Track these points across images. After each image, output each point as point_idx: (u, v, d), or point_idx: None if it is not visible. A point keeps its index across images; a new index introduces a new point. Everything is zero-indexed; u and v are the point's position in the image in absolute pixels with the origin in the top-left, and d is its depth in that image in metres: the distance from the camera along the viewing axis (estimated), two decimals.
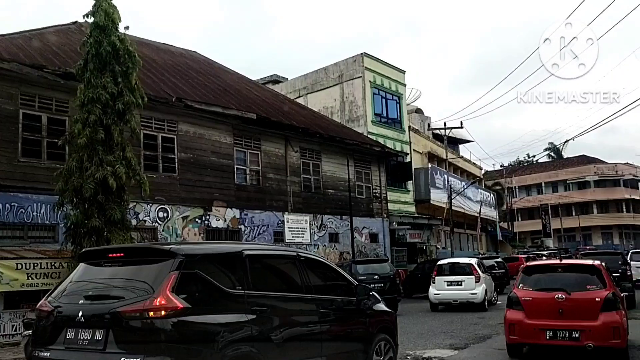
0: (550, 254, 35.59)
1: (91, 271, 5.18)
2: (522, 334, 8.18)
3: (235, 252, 5.44)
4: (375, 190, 25.34)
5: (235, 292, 5.01)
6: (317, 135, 21.82)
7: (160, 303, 4.35)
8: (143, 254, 5.12)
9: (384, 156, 25.98)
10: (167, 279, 4.49)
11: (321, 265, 6.67)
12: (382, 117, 28.51)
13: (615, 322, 7.70)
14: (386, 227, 25.48)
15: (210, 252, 5.44)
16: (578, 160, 69.97)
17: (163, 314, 4.34)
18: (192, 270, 4.69)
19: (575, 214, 65.33)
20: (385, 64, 29.25)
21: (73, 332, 4.59)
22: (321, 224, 22.03)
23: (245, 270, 5.21)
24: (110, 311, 4.45)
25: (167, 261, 4.66)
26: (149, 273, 4.68)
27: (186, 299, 4.48)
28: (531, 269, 9.06)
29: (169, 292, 4.42)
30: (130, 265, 4.95)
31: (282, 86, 31.58)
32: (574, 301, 7.88)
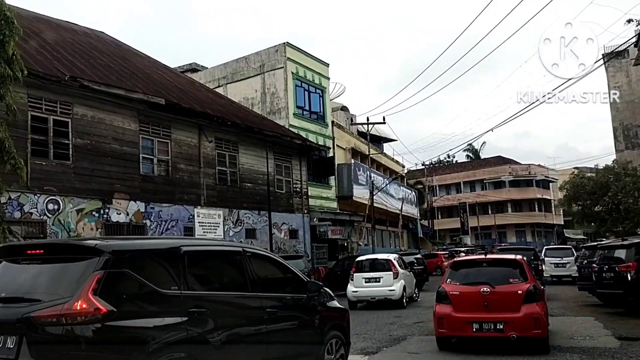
0: (468, 251, 36.36)
1: (9, 269, 4.59)
2: (451, 327, 8.43)
3: (171, 248, 4.99)
4: (296, 184, 24.45)
5: (170, 292, 4.59)
6: (234, 125, 20.62)
7: (81, 307, 3.92)
8: (65, 251, 4.62)
9: (306, 150, 25.15)
10: (89, 280, 4.04)
11: (269, 261, 6.27)
12: (304, 110, 27.67)
13: (536, 313, 8.01)
14: (307, 223, 24.67)
15: (142, 248, 4.95)
16: (494, 161, 72.63)
17: (83, 319, 3.91)
18: (120, 269, 4.26)
19: (491, 213, 67.66)
20: (308, 55, 28.43)
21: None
22: (237, 219, 20.85)
23: (182, 268, 4.79)
24: (23, 316, 3.93)
25: (92, 259, 4.19)
26: (70, 273, 4.23)
27: (112, 302, 4.06)
28: (458, 264, 9.36)
29: (91, 294, 3.99)
30: (50, 263, 4.44)
31: (201, 75, 30.01)
32: (498, 294, 8.15)
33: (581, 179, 28.02)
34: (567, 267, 22.14)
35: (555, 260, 22.42)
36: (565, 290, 19.00)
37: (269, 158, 22.44)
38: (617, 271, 11.56)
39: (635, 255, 11.32)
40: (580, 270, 15.03)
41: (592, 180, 27.24)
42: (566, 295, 17.32)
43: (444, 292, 8.61)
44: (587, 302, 14.93)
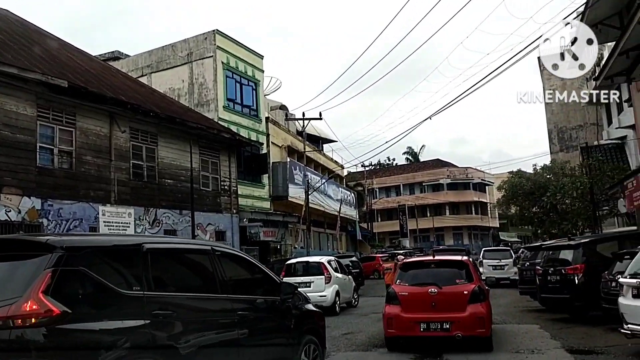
0: (406, 253, 35.61)
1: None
2: (399, 328, 8.50)
3: (132, 245, 4.77)
4: (224, 182, 22.59)
5: (131, 293, 4.28)
6: (152, 114, 18.56)
7: (31, 308, 3.54)
8: (14, 248, 4.23)
9: (236, 145, 23.33)
10: (40, 278, 3.67)
11: (241, 260, 5.95)
12: (235, 102, 25.86)
13: (480, 313, 8.20)
14: (236, 223, 22.85)
15: (100, 245, 4.63)
16: (433, 164, 73.18)
17: (34, 321, 3.52)
18: (74, 267, 3.93)
19: (430, 215, 67.95)
20: (241, 45, 26.66)
21: None
22: (155, 219, 18.78)
23: (145, 267, 4.49)
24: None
25: (43, 256, 3.83)
26: (17, 271, 3.89)
27: (66, 303, 3.70)
28: (408, 265, 9.49)
29: (42, 294, 3.61)
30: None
31: (123, 63, 27.61)
32: (445, 294, 8.29)
33: (519, 178, 27.70)
34: (505, 269, 21.46)
35: (494, 263, 21.71)
36: (505, 293, 18.16)
37: (193, 152, 20.47)
38: (563, 274, 10.55)
39: (582, 257, 10.34)
40: (522, 272, 14.10)
41: (530, 181, 26.95)
42: (506, 299, 16.43)
43: (394, 292, 8.71)
44: (528, 307, 14.00)
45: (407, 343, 8.66)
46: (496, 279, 21.48)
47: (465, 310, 8.14)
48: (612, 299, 8.88)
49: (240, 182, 24.93)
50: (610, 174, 19.70)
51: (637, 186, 14.49)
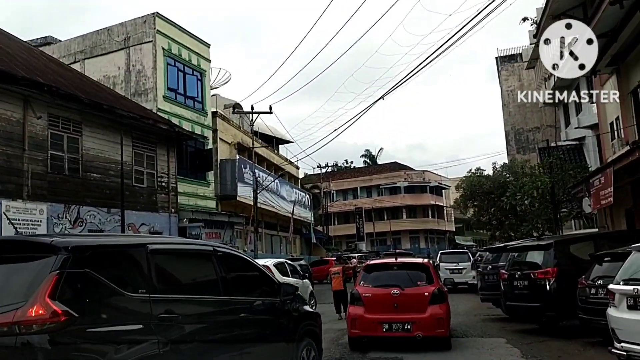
0: (361, 257, 34.27)
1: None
2: (362, 328, 8.65)
3: (136, 245, 4.53)
4: (161, 178, 20.54)
5: (137, 296, 4.05)
6: (75, 99, 16.41)
7: (37, 312, 3.38)
8: (15, 249, 3.97)
9: (175, 138, 21.30)
10: (46, 282, 3.48)
11: (241, 261, 5.77)
12: (178, 93, 23.83)
13: (440, 314, 8.46)
14: (174, 224, 20.83)
15: (104, 245, 4.28)
16: (391, 167, 72.33)
17: (40, 327, 3.36)
18: (80, 269, 3.69)
19: (387, 219, 66.99)
20: (185, 31, 24.64)
21: None
22: (77, 218, 16.62)
23: (149, 269, 4.27)
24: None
25: (48, 258, 3.62)
26: (22, 274, 3.70)
27: (72, 307, 3.52)
28: (371, 267, 9.67)
29: (48, 298, 3.43)
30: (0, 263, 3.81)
31: (54, 48, 25.16)
32: (407, 296, 8.50)
33: (478, 177, 26.68)
34: (463, 273, 20.21)
35: (451, 266, 20.44)
36: (463, 299, 16.83)
37: (125, 144, 18.33)
38: (532, 279, 9.13)
39: (554, 259, 8.93)
40: (484, 277, 12.70)
41: (489, 180, 25.96)
42: (465, 306, 15.06)
43: (357, 294, 8.85)
44: (490, 316, 12.64)
45: (370, 343, 8.82)
46: (454, 283, 20.22)
47: (425, 312, 8.38)
48: (591, 309, 7.53)
49: (182, 179, 22.94)
50: (572, 172, 18.72)
51: (604, 183, 13.35)
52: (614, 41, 14.95)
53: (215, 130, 28.80)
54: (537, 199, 19.45)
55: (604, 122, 19.13)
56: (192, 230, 21.69)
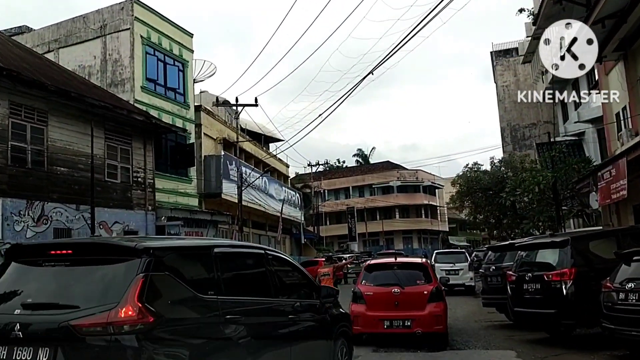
0: (353, 257, 33.03)
1: (27, 272, 4.06)
2: (364, 325, 8.88)
3: (205, 248, 4.62)
4: (137, 174, 19.18)
5: (208, 297, 4.16)
6: (39, 85, 15.04)
7: (128, 314, 3.47)
8: (98, 252, 4.06)
9: (153, 131, 19.94)
10: (134, 284, 3.59)
11: (286, 263, 5.88)
12: (157, 84, 22.45)
13: (438, 311, 8.87)
14: (151, 222, 19.47)
15: (179, 248, 4.42)
16: (383, 166, 71.12)
17: (130, 328, 3.47)
18: (161, 272, 3.82)
19: (379, 219, 65.82)
20: (165, 19, 23.27)
21: (5, 350, 3.57)
22: (41, 215, 15.26)
23: (216, 271, 4.41)
24: (60, 324, 3.45)
25: (132, 261, 3.75)
26: (109, 276, 3.76)
27: (157, 308, 3.63)
28: (372, 267, 9.87)
29: (137, 300, 3.52)
30: (82, 265, 3.92)
31: (27, 37, 23.71)
32: (407, 294, 8.87)
33: (476, 172, 25.45)
34: (460, 274, 18.99)
35: (447, 266, 19.20)
36: (461, 303, 15.59)
37: (97, 136, 16.95)
38: (545, 281, 7.87)
39: (571, 258, 7.67)
40: (486, 279, 11.40)
41: (487, 175, 24.72)
42: (463, 310, 13.82)
43: (359, 292, 9.10)
44: (492, 322, 11.40)
45: (371, 338, 9.01)
46: (449, 285, 18.99)
47: (424, 309, 8.72)
48: (619, 317, 6.32)
49: (161, 175, 21.60)
50: (576, 166, 17.54)
51: (616, 175, 12.17)
52: (624, 22, 13.82)
53: (199, 124, 27.41)
54: (538, 195, 18.25)
55: (609, 112, 17.97)
56: (171, 229, 20.33)
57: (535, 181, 17.74)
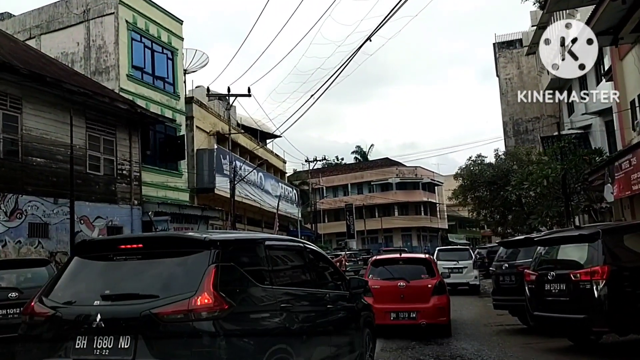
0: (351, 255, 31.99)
1: (97, 267, 4.29)
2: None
3: (259, 241, 4.84)
4: (122, 166, 18.07)
5: (265, 287, 4.39)
6: (11, 69, 13.92)
7: (205, 302, 3.69)
8: (168, 245, 4.28)
9: (140, 121, 18.82)
10: (207, 274, 3.82)
11: (321, 256, 6.06)
12: (145, 72, 21.31)
13: (442, 304, 9.41)
14: (137, 217, 18.36)
15: (240, 240, 4.76)
16: (382, 163, 70.00)
17: (208, 314, 3.70)
18: (228, 262, 4.06)
19: (378, 216, 64.74)
20: (152, 4, 22.09)
21: (85, 340, 3.72)
22: (15, 209, 14.16)
23: (268, 262, 4.63)
24: (142, 313, 3.65)
25: (202, 253, 3.99)
26: (182, 267, 3.98)
27: (229, 297, 3.85)
28: (378, 262, 10.46)
29: (213, 288, 3.75)
30: (154, 258, 4.15)
31: (8, 23, 22.56)
32: (412, 288, 9.33)
33: (480, 165, 24.31)
34: (464, 272, 17.89)
35: (450, 264, 18.09)
36: (467, 304, 14.52)
37: (77, 126, 15.81)
38: (573, 281, 6.73)
39: (603, 254, 6.55)
40: (498, 279, 10.22)
41: (492, 167, 23.59)
42: (470, 312, 12.75)
43: (367, 286, 8.89)
44: (504, 326, 10.31)
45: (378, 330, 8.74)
46: (453, 285, 17.91)
47: (429, 302, 9.15)
48: None
49: (149, 168, 20.51)
50: (587, 157, 16.47)
51: (637, 165, 11.10)
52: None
53: (191, 117, 26.32)
54: (546, 188, 17.15)
55: (622, 100, 16.91)
56: (159, 225, 19.19)
57: (543, 174, 16.64)
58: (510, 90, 35.98)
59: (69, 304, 3.98)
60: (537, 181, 16.84)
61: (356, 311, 6.13)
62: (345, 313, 5.84)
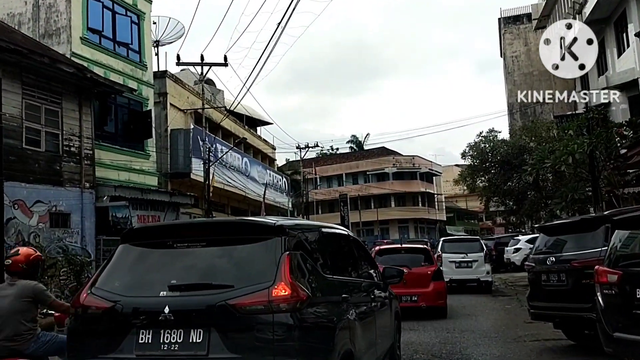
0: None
1: (156, 255, 3.92)
2: None
3: (316, 228, 4.69)
4: (70, 142, 15.29)
5: (328, 277, 4.19)
6: None
7: (283, 292, 3.41)
8: (234, 231, 3.91)
9: (93, 91, 16.03)
10: (283, 262, 3.54)
11: (360, 244, 5.91)
12: (103, 36, 18.43)
13: (440, 288, 10.77)
14: (89, 202, 15.61)
15: (302, 228, 4.34)
16: (378, 152, 67.25)
17: (288, 305, 3.40)
18: (297, 250, 3.78)
19: (374, 207, 62.14)
20: None
21: (150, 335, 3.42)
22: None
23: (326, 251, 4.52)
24: (217, 304, 3.37)
25: (273, 239, 3.69)
26: (253, 255, 3.72)
27: (304, 287, 3.59)
28: (382, 251, 11.80)
29: (290, 278, 3.48)
30: (220, 245, 3.80)
31: None
32: (414, 274, 10.15)
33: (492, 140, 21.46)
34: (474, 267, 15.19)
35: (457, 258, 15.39)
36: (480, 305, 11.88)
37: (8, 91, 12.90)
38: None
39: None
40: (539, 277, 7.01)
41: (506, 144, 20.74)
42: (490, 320, 10.07)
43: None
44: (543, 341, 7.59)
45: None
46: (460, 281, 15.22)
47: (429, 286, 10.50)
48: None
49: (108, 146, 17.79)
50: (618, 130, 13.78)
51: None
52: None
53: (164, 93, 23.55)
54: (572, 167, 14.47)
55: None
56: (117, 212, 16.45)
57: (568, 150, 13.94)
58: (516, 70, 33.24)
59: (129, 295, 3.60)
60: (560, 159, 14.12)
61: (389, 301, 6.01)
62: (382, 303, 5.66)
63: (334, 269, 4.41)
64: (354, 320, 4.26)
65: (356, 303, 4.54)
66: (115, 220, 16.42)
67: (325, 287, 3.98)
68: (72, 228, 15.08)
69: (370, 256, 6.23)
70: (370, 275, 5.69)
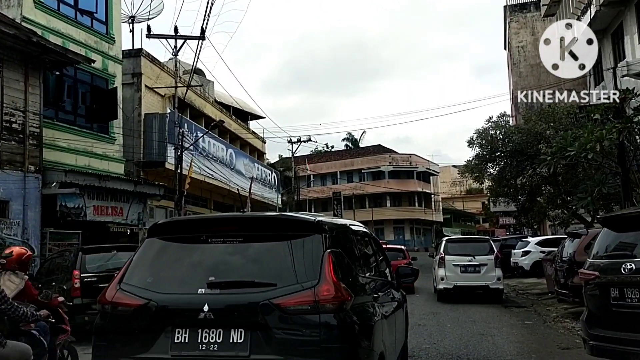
0: None
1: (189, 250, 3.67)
2: None
3: (346, 226, 4.51)
4: (12, 117, 13.06)
5: (362, 276, 4.12)
6: None
7: (329, 292, 3.29)
8: (273, 227, 3.82)
9: (43, 59, 13.77)
10: (326, 261, 3.41)
11: (378, 242, 5.75)
12: (62, 2, 16.15)
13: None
14: (34, 188, 13.35)
15: (337, 225, 4.22)
16: (374, 150, 65.18)
17: (333, 305, 3.29)
18: (336, 248, 3.62)
19: (369, 207, 60.03)
20: None
21: (187, 334, 3.27)
22: None
23: (357, 249, 4.37)
24: (261, 303, 3.24)
25: (313, 236, 3.54)
26: (296, 252, 3.51)
27: (348, 286, 3.50)
28: None
29: (334, 277, 3.36)
30: (259, 241, 3.64)
31: None
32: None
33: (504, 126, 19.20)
34: (482, 271, 12.99)
35: (463, 261, 13.18)
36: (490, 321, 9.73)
37: None
38: None
39: None
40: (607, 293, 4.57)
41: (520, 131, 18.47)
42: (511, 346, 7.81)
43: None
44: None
45: None
46: (467, 288, 13.02)
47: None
48: None
49: (64, 127, 15.62)
50: None
51: None
52: None
53: (138, 74, 21.39)
54: (600, 156, 12.31)
55: None
56: (68, 201, 14.16)
57: (595, 137, 11.75)
58: (523, 60, 31.10)
59: (162, 292, 3.41)
60: (587, 146, 11.94)
61: (403, 301, 5.77)
62: (398, 302, 5.33)
63: (363, 267, 4.33)
64: (382, 320, 4.13)
65: (382, 303, 4.40)
66: (64, 210, 14.14)
67: (361, 287, 3.87)
68: (11, 218, 12.82)
69: (386, 254, 5.82)
70: (387, 273, 5.48)
